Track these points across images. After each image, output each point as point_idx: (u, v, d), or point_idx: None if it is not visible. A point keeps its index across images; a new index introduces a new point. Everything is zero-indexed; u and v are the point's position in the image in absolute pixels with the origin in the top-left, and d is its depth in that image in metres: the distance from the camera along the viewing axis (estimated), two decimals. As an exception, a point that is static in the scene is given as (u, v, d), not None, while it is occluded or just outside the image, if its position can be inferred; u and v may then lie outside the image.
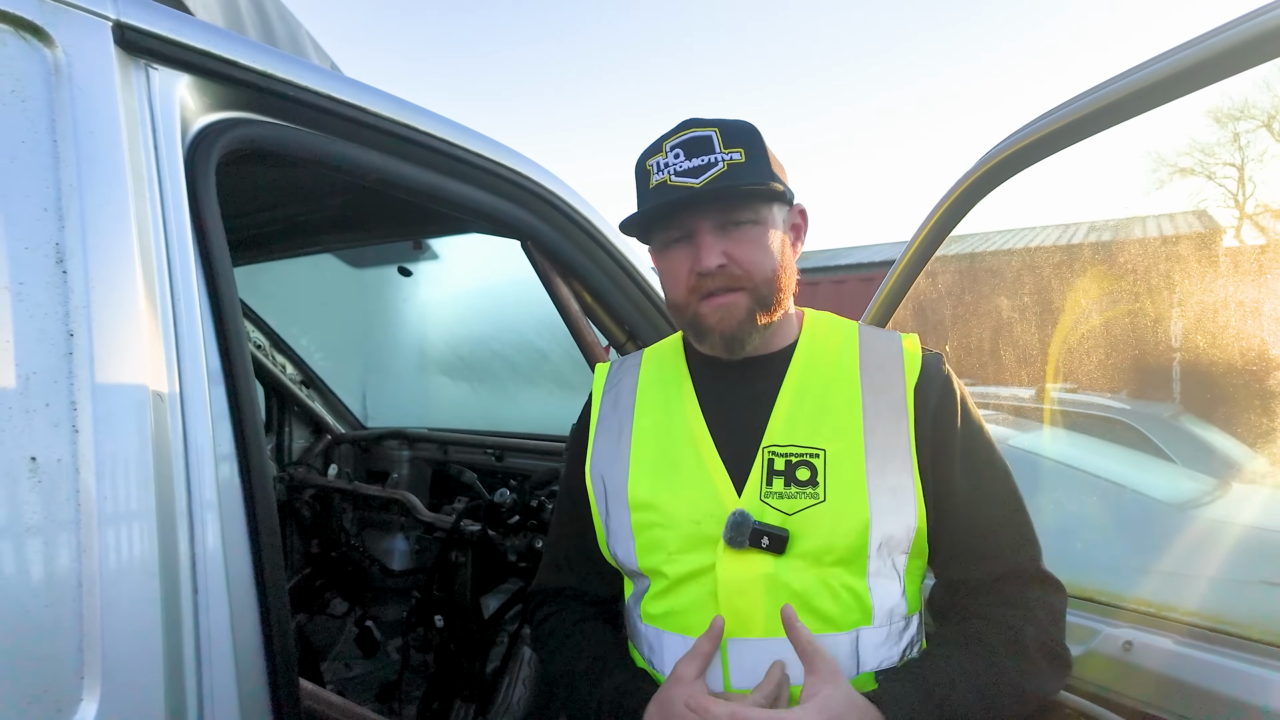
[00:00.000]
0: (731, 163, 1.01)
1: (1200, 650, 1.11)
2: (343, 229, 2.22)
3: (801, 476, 0.99)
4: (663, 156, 1.03)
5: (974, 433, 1.06)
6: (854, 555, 0.98)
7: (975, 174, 1.45)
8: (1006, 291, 2.86)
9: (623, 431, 1.13)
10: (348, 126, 1.27)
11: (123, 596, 0.85)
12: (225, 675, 0.96)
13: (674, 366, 1.17)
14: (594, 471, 1.14)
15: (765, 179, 1.01)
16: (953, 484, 1.02)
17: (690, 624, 1.01)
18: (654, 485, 1.06)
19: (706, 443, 1.06)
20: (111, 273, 0.91)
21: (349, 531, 3.03)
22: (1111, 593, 1.31)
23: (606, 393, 1.20)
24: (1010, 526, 1.04)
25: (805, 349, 1.11)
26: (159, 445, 0.92)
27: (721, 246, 1.02)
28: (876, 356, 1.08)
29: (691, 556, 1.02)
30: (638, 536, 1.06)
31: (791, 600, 0.97)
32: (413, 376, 3.48)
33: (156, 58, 1.02)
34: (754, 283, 1.03)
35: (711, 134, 1.02)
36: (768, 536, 0.96)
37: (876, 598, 0.99)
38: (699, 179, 1.00)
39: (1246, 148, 14.16)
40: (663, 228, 1.07)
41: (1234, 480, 2.43)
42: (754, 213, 1.03)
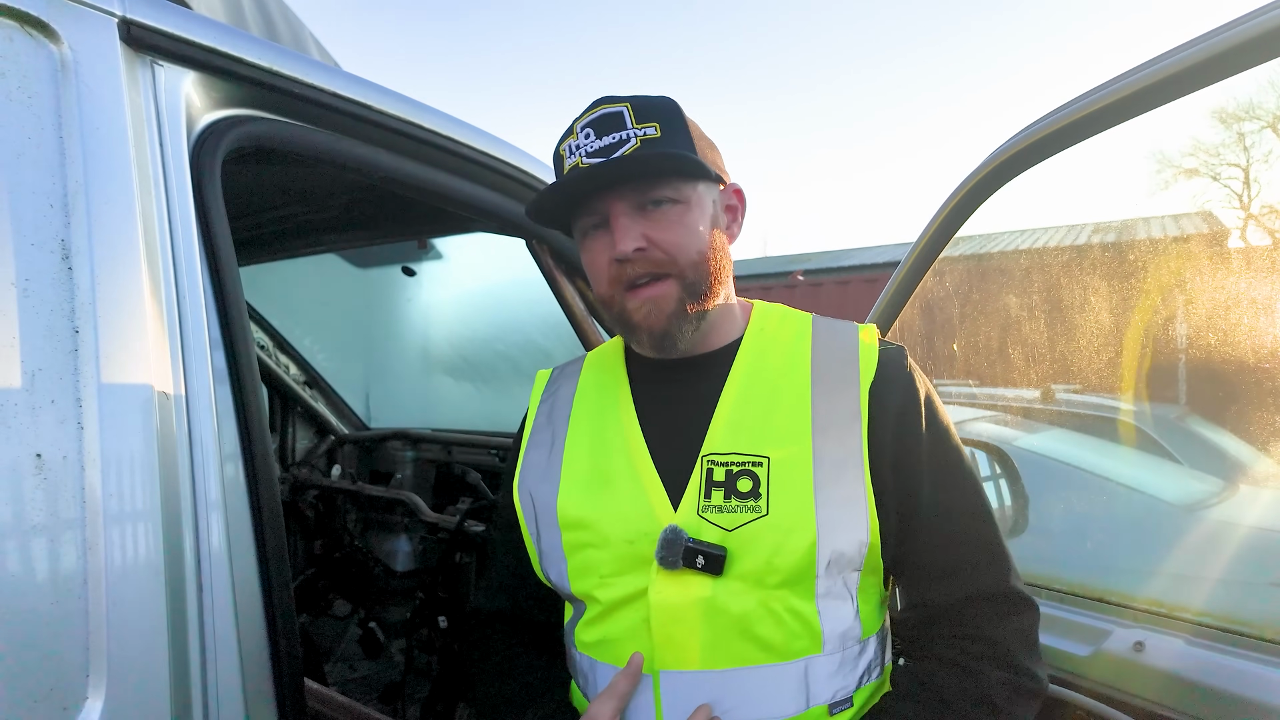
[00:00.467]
0: (645, 138, 0.91)
1: (1212, 651, 1.11)
2: (347, 229, 2.22)
3: (743, 488, 0.89)
4: (574, 139, 0.95)
5: (941, 438, 0.96)
6: (800, 575, 0.88)
7: (981, 173, 1.45)
8: (1010, 293, 2.86)
9: (555, 444, 1.04)
10: (354, 124, 1.27)
11: (128, 595, 0.85)
12: (230, 674, 0.95)
13: (613, 370, 1.07)
14: (523, 488, 1.05)
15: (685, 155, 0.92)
16: (919, 495, 0.93)
17: (622, 654, 0.92)
18: (585, 502, 0.97)
19: (642, 453, 0.96)
20: (117, 269, 0.90)
21: (352, 532, 3.03)
22: (1122, 593, 1.30)
23: (543, 402, 1.11)
24: (979, 541, 0.95)
25: (751, 345, 1.01)
26: (164, 443, 0.92)
27: (640, 229, 0.93)
28: (830, 352, 0.98)
29: (625, 580, 0.92)
30: (570, 558, 0.97)
31: (731, 627, 0.87)
32: (416, 377, 3.48)
33: (162, 54, 1.02)
34: (680, 268, 0.93)
35: (623, 109, 0.94)
36: (703, 555, 0.87)
37: (826, 622, 0.89)
38: (610, 158, 0.91)
39: (1251, 148, 14.12)
40: (580, 215, 0.98)
41: (1241, 482, 2.42)
42: (674, 190, 0.93)
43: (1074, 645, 1.27)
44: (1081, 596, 1.35)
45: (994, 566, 0.94)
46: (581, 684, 0.99)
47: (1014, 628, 0.92)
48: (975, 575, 0.93)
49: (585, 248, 0.99)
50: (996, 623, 0.92)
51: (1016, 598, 0.94)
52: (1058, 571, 1.48)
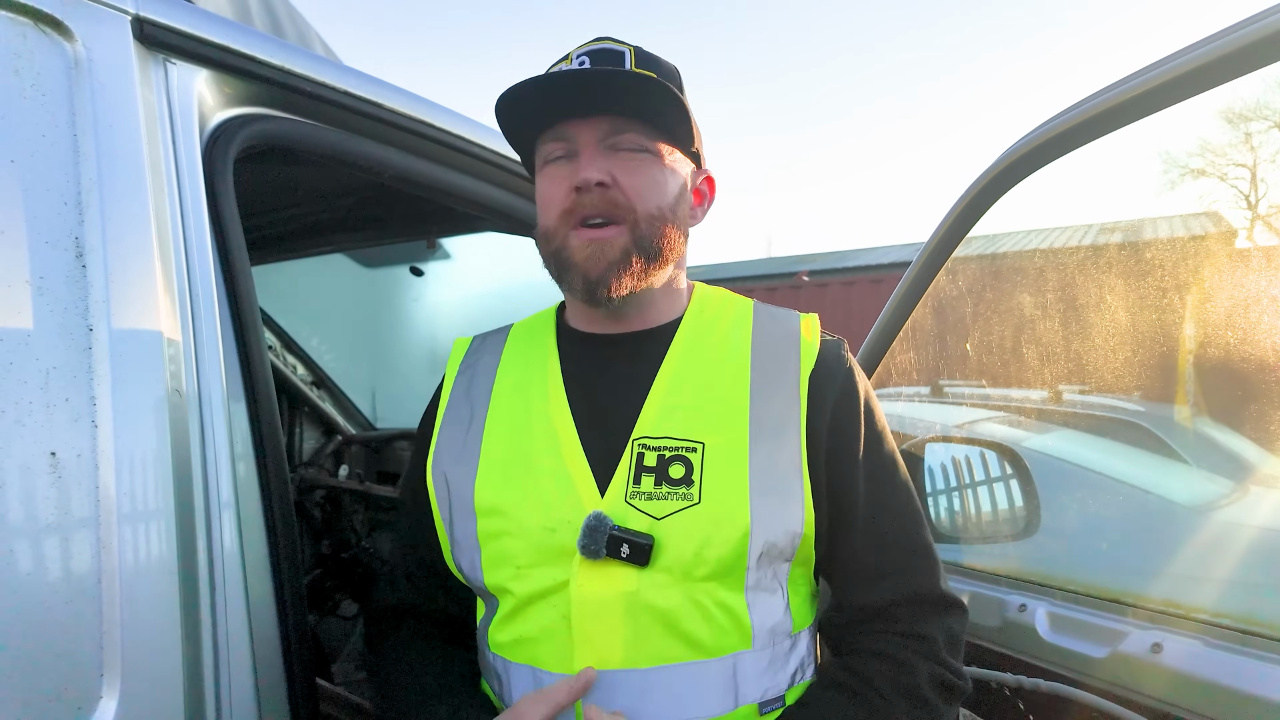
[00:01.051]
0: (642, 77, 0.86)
1: (1231, 652, 1.09)
2: (355, 228, 2.22)
3: (675, 474, 0.84)
4: (567, 64, 0.91)
5: (877, 436, 0.94)
6: (730, 568, 0.84)
7: (994, 172, 1.44)
8: (1017, 293, 2.85)
9: (473, 422, 0.96)
10: (365, 123, 1.27)
11: (142, 594, 0.85)
12: (243, 674, 0.95)
13: (541, 343, 1.00)
14: (436, 469, 0.96)
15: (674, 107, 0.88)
16: (853, 493, 0.90)
17: (539, 654, 0.86)
18: (504, 486, 0.90)
19: (569, 434, 0.90)
20: (131, 267, 0.90)
21: (359, 533, 3.03)
22: (1139, 595, 1.29)
23: (460, 374, 1.03)
24: (912, 544, 0.92)
25: (690, 325, 0.96)
26: (178, 442, 0.92)
27: (607, 165, 0.88)
28: (769, 339, 0.94)
29: (543, 571, 0.86)
30: (484, 548, 0.90)
31: (656, 622, 0.83)
32: (424, 377, 3.48)
33: (175, 52, 1.02)
34: (635, 217, 0.88)
35: (626, 50, 0.91)
36: (628, 544, 0.81)
37: (756, 616, 0.85)
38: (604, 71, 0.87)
39: (1259, 148, 14.07)
40: (545, 141, 0.93)
41: (1251, 483, 2.41)
42: (649, 141, 0.90)
43: (1090, 647, 1.26)
44: (1096, 598, 1.34)
45: (927, 570, 0.92)
46: (496, 688, 0.92)
47: (943, 626, 0.90)
48: (908, 578, 0.91)
49: (545, 174, 0.93)
50: (927, 621, 0.90)
51: (950, 600, 0.92)
52: (1071, 573, 1.47)
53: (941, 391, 2.91)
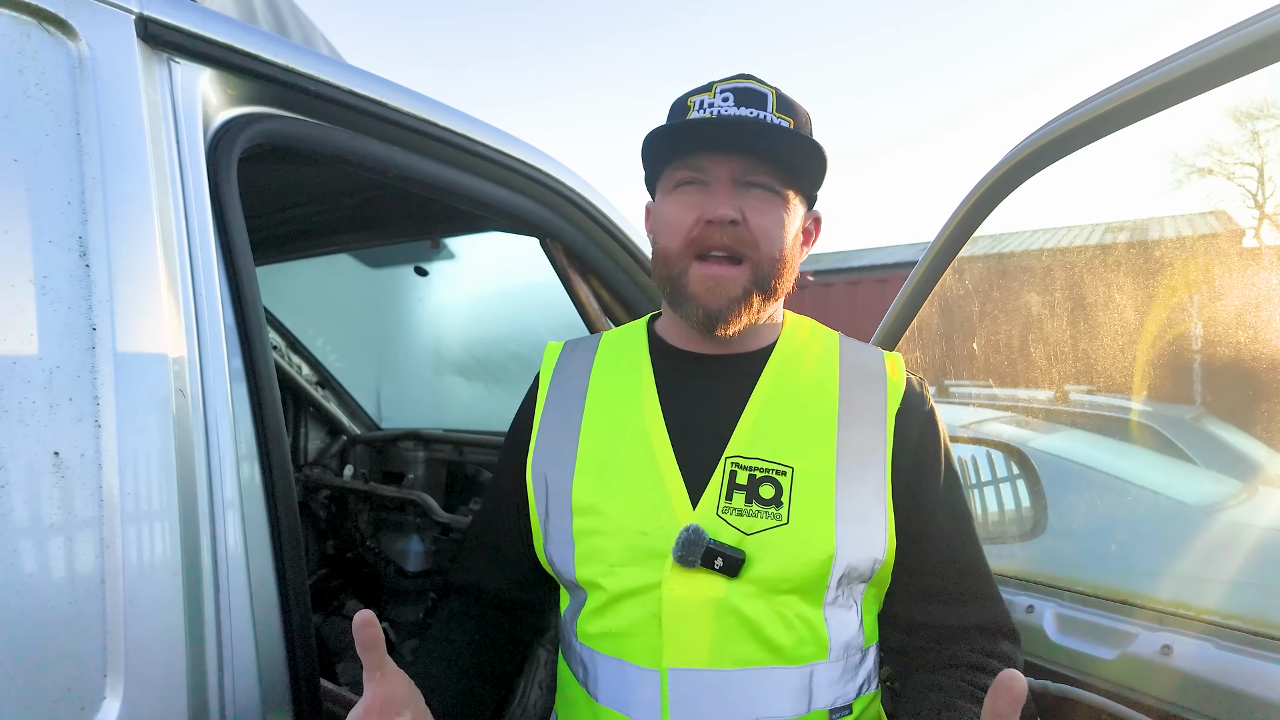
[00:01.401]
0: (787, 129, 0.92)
1: (1244, 655, 1.08)
2: (360, 229, 2.22)
3: (765, 494, 0.89)
4: (710, 96, 0.94)
5: (952, 472, 1.00)
6: (812, 586, 0.89)
7: (1000, 171, 1.43)
8: (1024, 293, 2.84)
9: (570, 424, 1.01)
10: (370, 122, 1.26)
11: (145, 594, 0.84)
12: (247, 674, 0.95)
13: (634, 355, 1.05)
14: (536, 468, 1.02)
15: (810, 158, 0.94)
16: (935, 522, 0.96)
17: (627, 649, 0.91)
18: (599, 488, 0.95)
19: (663, 445, 0.95)
20: (134, 267, 0.90)
21: (364, 532, 3.03)
22: (1148, 596, 1.28)
23: (556, 377, 1.08)
24: (986, 576, 0.99)
25: (783, 353, 1.01)
26: (181, 442, 0.91)
27: (739, 203, 0.92)
28: (857, 373, 0.99)
29: (634, 571, 0.91)
30: (577, 544, 0.95)
31: (742, 628, 0.88)
32: (428, 377, 3.48)
33: (179, 51, 1.01)
34: (759, 256, 0.93)
35: (769, 93, 0.94)
36: (722, 557, 0.86)
37: (833, 630, 0.91)
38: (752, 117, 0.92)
39: (1266, 147, 13.98)
40: (678, 168, 0.96)
41: (1259, 483, 2.39)
42: (779, 183, 0.94)
43: (1099, 648, 1.25)
44: (1105, 599, 1.33)
45: (997, 601, 0.99)
46: (580, 676, 0.97)
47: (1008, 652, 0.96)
48: (985, 605, 0.98)
49: (673, 198, 0.97)
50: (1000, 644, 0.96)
51: (1012, 628, 0.99)
52: (1079, 573, 1.46)
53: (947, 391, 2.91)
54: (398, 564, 2.96)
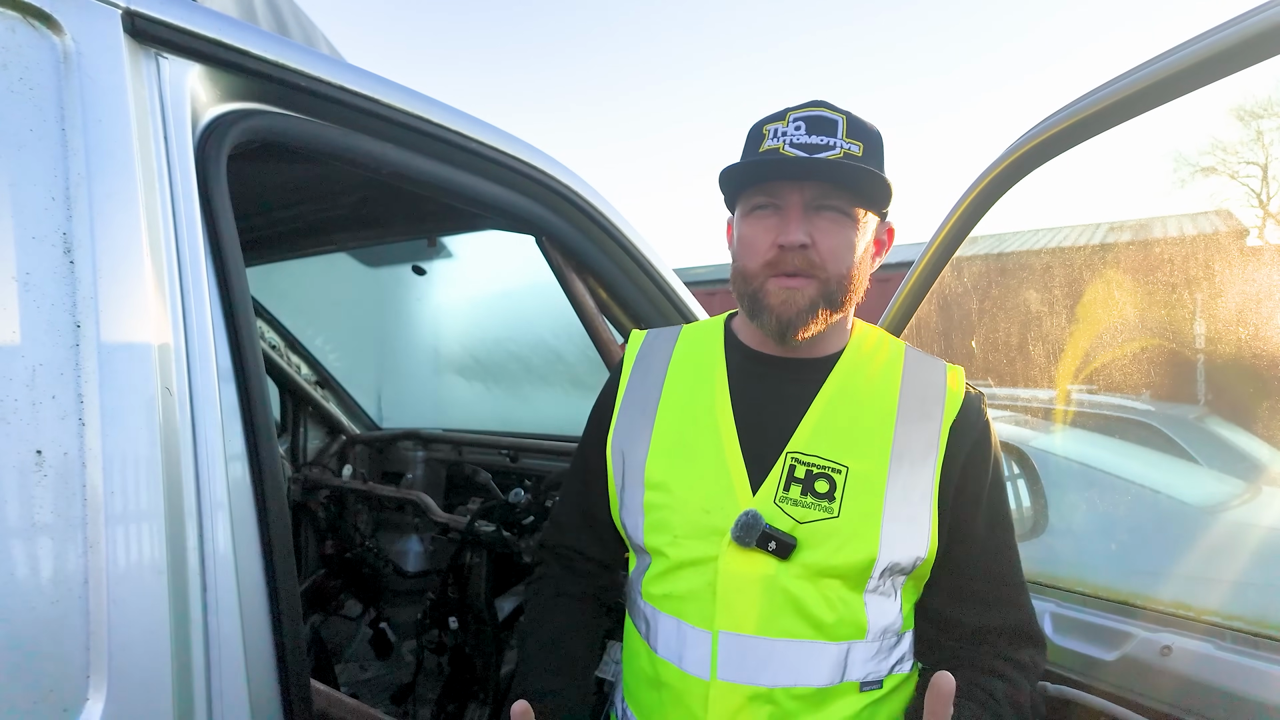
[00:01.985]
0: (849, 152, 0.99)
1: (1243, 655, 1.07)
2: (357, 227, 2.21)
3: (820, 489, 0.98)
4: (783, 125, 1.01)
5: (999, 482, 1.06)
6: (857, 575, 0.98)
7: (999, 167, 1.42)
8: (1027, 292, 2.82)
9: (648, 407, 1.12)
10: (362, 119, 1.25)
11: (130, 595, 0.83)
12: (235, 676, 0.94)
13: (711, 351, 1.14)
14: (615, 444, 1.13)
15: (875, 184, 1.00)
16: (974, 528, 1.02)
17: (685, 610, 1.01)
18: (671, 468, 1.06)
19: (730, 434, 1.04)
20: (120, 264, 0.89)
21: (363, 532, 3.02)
22: (1148, 596, 1.26)
23: (638, 363, 1.18)
24: (1018, 584, 1.06)
25: (849, 360, 1.08)
26: (168, 441, 0.90)
27: (808, 227, 1.00)
28: (918, 384, 1.06)
29: (695, 544, 1.01)
30: (647, 515, 1.06)
31: (788, 604, 0.97)
32: (427, 377, 3.47)
33: (167, 46, 1.00)
34: (828, 274, 1.01)
35: (839, 119, 1.01)
36: (775, 541, 0.96)
37: (872, 614, 0.99)
38: (813, 156, 0.98)
39: (1270, 146, 13.93)
40: (755, 193, 1.04)
41: (1262, 483, 2.38)
42: (848, 205, 1.01)
43: (1098, 649, 1.23)
44: (1104, 599, 1.32)
45: (1026, 608, 1.05)
46: (643, 629, 1.08)
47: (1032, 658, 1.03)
48: (1012, 611, 1.03)
49: (747, 221, 1.05)
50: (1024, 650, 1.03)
51: (1039, 635, 1.05)
52: (1079, 574, 1.45)
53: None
54: (396, 564, 2.95)
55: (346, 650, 3.05)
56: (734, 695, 0.97)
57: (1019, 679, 1.00)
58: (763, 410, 1.06)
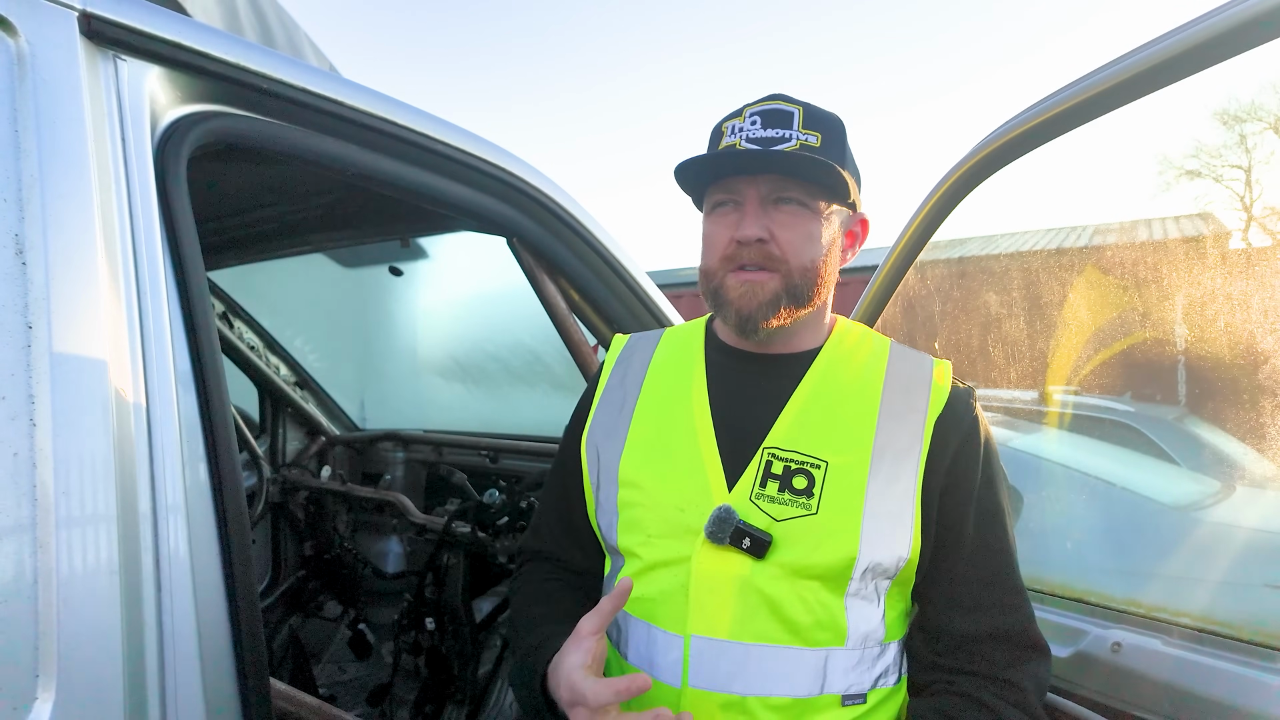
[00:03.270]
0: (805, 143, 0.97)
1: (1198, 653, 1.08)
2: (331, 228, 2.21)
3: (798, 485, 0.95)
4: (740, 121, 1.00)
5: (992, 480, 1.01)
6: (835, 575, 0.94)
7: (965, 165, 1.43)
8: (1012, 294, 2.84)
9: (625, 406, 1.10)
10: (326, 120, 1.26)
11: (81, 595, 0.84)
12: (190, 675, 0.94)
13: (690, 350, 1.13)
14: (590, 441, 1.11)
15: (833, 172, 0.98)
16: (963, 529, 0.98)
17: (657, 613, 0.97)
18: (645, 465, 1.03)
19: (706, 432, 1.02)
20: (73, 265, 0.89)
21: (342, 534, 3.01)
22: (1103, 594, 1.28)
23: (618, 365, 1.17)
24: (1009, 585, 0.99)
25: (829, 355, 1.06)
26: (122, 443, 0.90)
27: (765, 221, 0.98)
28: (902, 379, 1.03)
29: (668, 543, 0.98)
30: (621, 513, 1.04)
31: (763, 606, 0.93)
32: (406, 378, 3.46)
33: (125, 49, 1.01)
34: (789, 268, 0.98)
35: (794, 111, 0.99)
36: (750, 538, 0.92)
37: (852, 619, 0.94)
38: (767, 149, 0.97)
39: (1253, 150, 14.04)
40: (714, 191, 1.03)
41: (1237, 483, 2.40)
42: (807, 196, 0.99)
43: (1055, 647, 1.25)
44: (1064, 598, 1.33)
45: (1020, 611, 0.98)
46: (614, 636, 1.04)
47: (1033, 674, 0.95)
48: (1002, 615, 0.97)
49: (710, 220, 1.04)
50: (1017, 667, 0.95)
51: (1039, 644, 0.98)
52: (1042, 573, 1.46)
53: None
54: (375, 565, 2.95)
55: (325, 652, 3.04)
56: (706, 704, 0.92)
57: (1003, 709, 0.92)
58: (740, 406, 1.03)
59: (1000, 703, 0.92)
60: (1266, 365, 1.69)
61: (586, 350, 1.83)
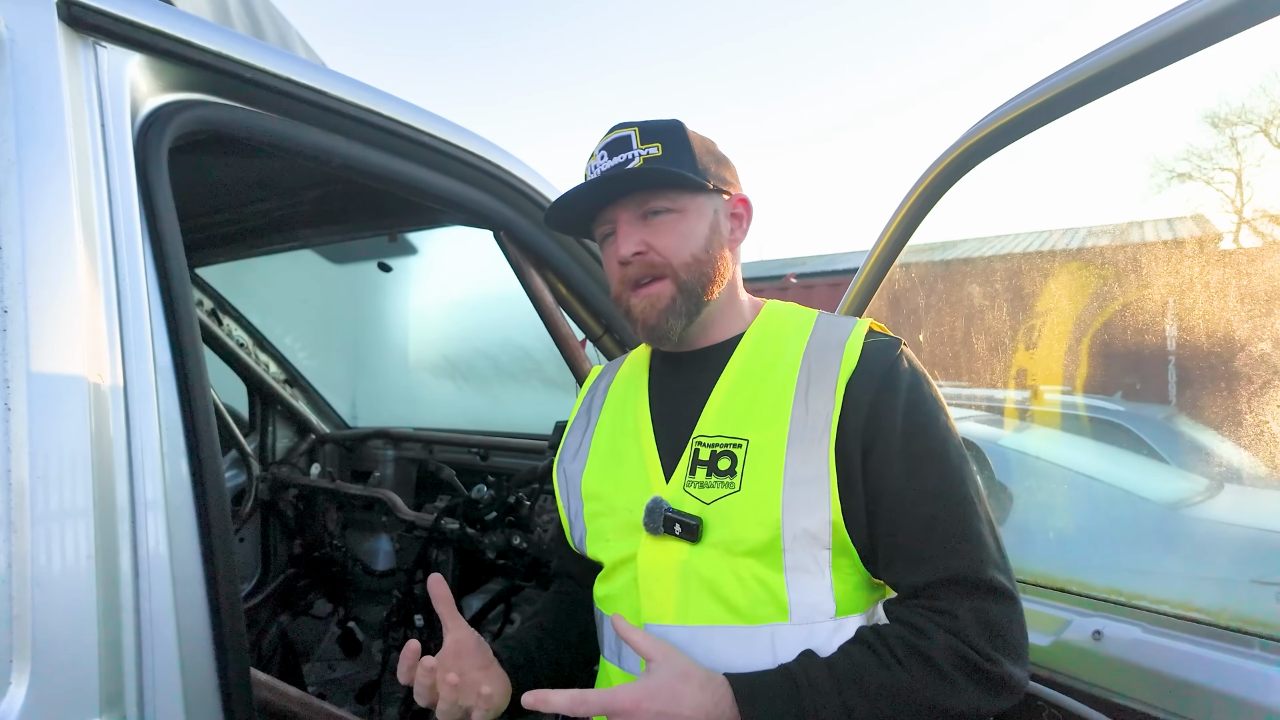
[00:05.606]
0: (648, 157, 1.03)
1: (1172, 639, 1.09)
2: (319, 223, 2.20)
3: (722, 466, 0.99)
4: (593, 160, 1.07)
5: (920, 426, 0.97)
6: (766, 548, 0.95)
7: (947, 159, 1.43)
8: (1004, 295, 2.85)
9: (588, 429, 1.19)
10: (310, 110, 1.25)
11: (56, 583, 0.83)
12: (169, 665, 0.93)
13: (641, 363, 1.20)
14: (560, 467, 1.21)
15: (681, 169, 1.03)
16: (887, 480, 0.95)
17: (619, 608, 1.04)
18: (603, 476, 1.11)
19: (648, 434, 1.09)
20: (51, 251, 0.89)
21: (332, 531, 3.00)
22: (1085, 583, 1.28)
23: (588, 394, 1.26)
24: (949, 525, 0.93)
25: (752, 338, 1.09)
26: (99, 434, 0.90)
27: (640, 235, 1.04)
28: (821, 345, 1.03)
29: (623, 543, 1.05)
30: (589, 525, 1.11)
31: (702, 588, 0.97)
32: (396, 375, 3.46)
33: (105, 35, 1.00)
34: (674, 269, 1.03)
35: (630, 133, 1.05)
36: (679, 524, 0.98)
37: (793, 593, 0.95)
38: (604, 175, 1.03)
39: (1244, 153, 14.11)
40: (596, 225, 1.10)
41: (1226, 481, 2.41)
42: (670, 201, 1.04)
43: (1035, 635, 1.25)
44: (1053, 589, 1.33)
45: (968, 553, 0.92)
46: (599, 636, 1.13)
47: (974, 607, 0.90)
48: (946, 560, 0.92)
49: (603, 251, 1.11)
50: (956, 601, 0.91)
51: (995, 586, 0.91)
52: (1030, 565, 1.46)
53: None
54: (365, 563, 2.94)
55: (315, 650, 3.03)
56: None
57: (928, 628, 0.90)
58: (675, 404, 1.09)
59: (926, 623, 0.90)
60: (1257, 364, 1.70)
61: (574, 345, 1.83)
